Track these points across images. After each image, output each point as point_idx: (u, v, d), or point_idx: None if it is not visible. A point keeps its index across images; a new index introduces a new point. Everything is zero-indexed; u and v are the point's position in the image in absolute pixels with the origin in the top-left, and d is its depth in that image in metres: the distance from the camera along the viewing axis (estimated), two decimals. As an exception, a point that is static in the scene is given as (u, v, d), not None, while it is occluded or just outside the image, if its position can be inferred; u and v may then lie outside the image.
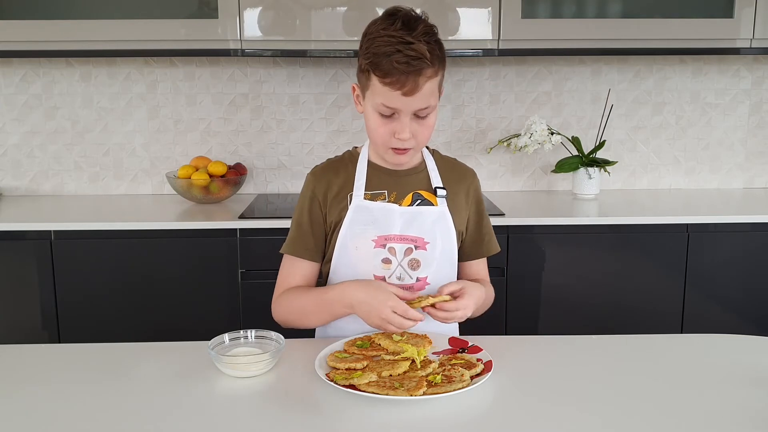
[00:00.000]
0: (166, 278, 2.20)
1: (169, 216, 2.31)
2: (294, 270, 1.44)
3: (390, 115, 1.31)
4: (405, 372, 1.16)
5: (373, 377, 1.13)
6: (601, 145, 2.58)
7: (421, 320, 1.27)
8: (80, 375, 1.19)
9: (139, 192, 2.70)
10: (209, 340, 1.23)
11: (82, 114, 2.65)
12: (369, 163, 1.44)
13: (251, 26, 2.27)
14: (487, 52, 2.34)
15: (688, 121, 2.73)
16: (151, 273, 2.20)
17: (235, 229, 2.18)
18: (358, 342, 1.28)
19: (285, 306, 1.41)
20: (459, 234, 1.45)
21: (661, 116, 2.72)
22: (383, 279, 1.38)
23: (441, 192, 1.43)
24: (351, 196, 1.40)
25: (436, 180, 1.44)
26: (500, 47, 2.31)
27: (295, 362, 1.23)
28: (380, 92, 1.29)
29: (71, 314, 2.22)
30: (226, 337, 1.26)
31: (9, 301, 2.22)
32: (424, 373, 1.15)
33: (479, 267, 1.55)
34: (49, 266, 2.19)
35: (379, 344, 1.27)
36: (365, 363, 1.18)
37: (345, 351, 1.26)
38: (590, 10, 2.40)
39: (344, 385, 1.10)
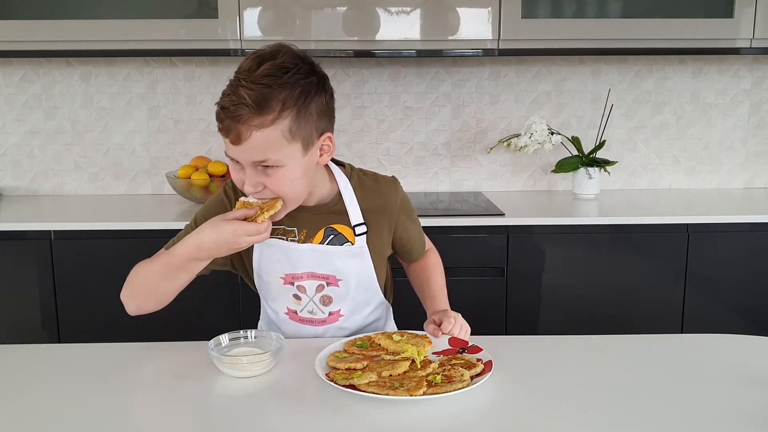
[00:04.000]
0: (166, 278, 2.20)
1: (169, 216, 2.31)
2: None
3: (237, 162, 1.20)
4: (405, 372, 1.16)
5: (373, 377, 1.13)
6: (601, 145, 2.58)
7: (262, 231, 1.19)
8: (80, 375, 1.19)
9: (139, 192, 2.70)
10: (209, 340, 1.23)
11: (82, 114, 2.65)
12: None
13: (251, 26, 2.27)
14: (487, 52, 2.34)
15: (688, 121, 2.73)
16: (151, 273, 2.20)
17: (235, 229, 2.18)
18: (358, 342, 1.28)
19: (131, 280, 1.32)
20: (381, 261, 1.38)
21: (661, 116, 2.72)
22: (295, 312, 1.37)
23: (360, 229, 1.33)
24: None
25: (355, 215, 1.33)
26: (500, 47, 2.31)
27: (295, 362, 1.23)
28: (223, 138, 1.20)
29: (71, 314, 2.22)
30: (226, 337, 1.26)
31: (9, 301, 2.22)
32: (424, 373, 1.15)
33: (417, 254, 1.49)
34: (49, 266, 2.19)
35: (379, 344, 1.27)
36: (365, 363, 1.18)
37: (345, 351, 1.26)
38: (590, 10, 2.40)
39: (344, 385, 1.10)
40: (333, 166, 1.37)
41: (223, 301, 2.21)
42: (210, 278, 2.19)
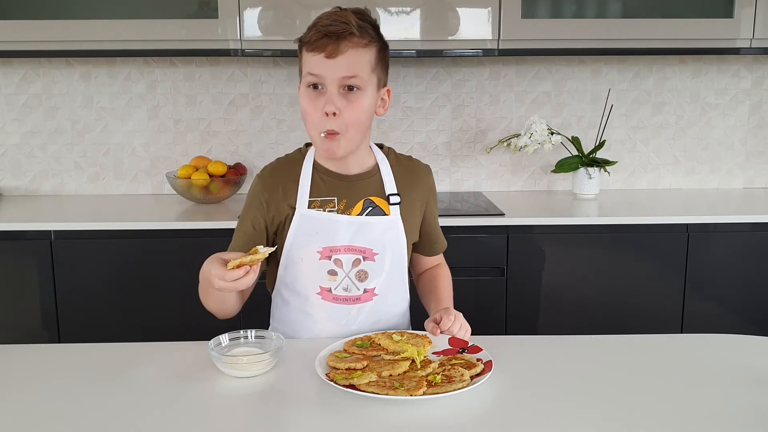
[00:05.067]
0: (166, 278, 2.20)
1: (169, 216, 2.31)
2: None
3: (317, 87, 1.28)
4: (405, 372, 1.16)
5: (373, 377, 1.13)
6: (601, 145, 2.58)
7: (236, 278, 1.18)
8: (80, 375, 1.19)
9: (139, 192, 2.70)
10: (209, 340, 1.23)
11: (82, 114, 2.65)
12: (318, 167, 1.38)
13: (251, 26, 2.27)
14: (487, 52, 2.34)
15: (688, 121, 2.73)
16: (151, 273, 2.20)
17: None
18: (358, 342, 1.28)
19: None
20: (411, 240, 1.42)
21: (661, 116, 2.72)
22: (329, 290, 1.37)
23: (394, 199, 1.38)
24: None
25: (389, 185, 1.39)
26: (500, 47, 2.31)
27: (295, 362, 1.23)
28: (306, 62, 1.28)
29: (71, 314, 2.22)
30: (226, 337, 1.26)
31: (9, 301, 2.22)
32: (424, 373, 1.15)
33: (434, 257, 1.55)
34: (49, 266, 2.19)
35: (379, 344, 1.27)
36: (365, 363, 1.19)
37: (345, 351, 1.26)
38: (590, 10, 2.40)
39: (344, 385, 1.10)
40: (371, 143, 1.43)
41: (223, 301, 2.21)
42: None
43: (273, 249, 1.24)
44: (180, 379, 1.18)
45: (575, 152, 2.60)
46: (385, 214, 1.37)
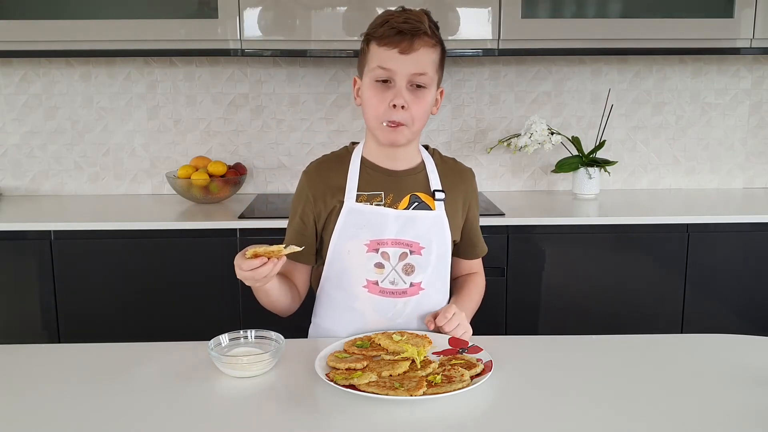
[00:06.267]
0: (165, 278, 2.20)
1: (169, 216, 2.31)
2: (296, 272, 1.44)
3: (386, 81, 1.32)
4: (405, 372, 1.16)
5: (373, 377, 1.13)
6: (601, 145, 2.58)
7: (252, 267, 1.21)
8: (80, 375, 1.19)
9: (139, 192, 2.70)
10: (209, 340, 1.23)
11: (82, 114, 2.65)
12: (366, 162, 1.42)
13: (251, 26, 2.27)
14: (487, 52, 2.34)
15: (688, 121, 2.73)
16: (151, 273, 2.20)
17: (235, 229, 2.18)
18: (358, 342, 1.28)
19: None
20: (453, 237, 1.44)
21: (661, 116, 2.72)
22: (376, 283, 1.37)
23: (439, 195, 1.41)
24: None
25: (435, 182, 1.42)
26: (500, 47, 2.31)
27: (295, 362, 1.23)
28: (377, 56, 1.31)
29: (71, 314, 2.22)
30: (225, 337, 1.26)
31: (9, 301, 2.22)
32: (424, 373, 1.15)
33: (473, 262, 1.56)
34: (49, 266, 2.19)
35: (379, 344, 1.27)
36: (365, 363, 1.19)
37: (345, 351, 1.26)
38: (590, 10, 2.40)
39: (344, 385, 1.10)
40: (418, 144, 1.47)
41: (223, 301, 2.21)
42: (210, 278, 2.20)
43: (299, 249, 1.25)
44: (180, 379, 1.18)
45: (575, 152, 2.60)
46: (431, 210, 1.40)
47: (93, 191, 2.70)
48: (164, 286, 2.20)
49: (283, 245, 1.23)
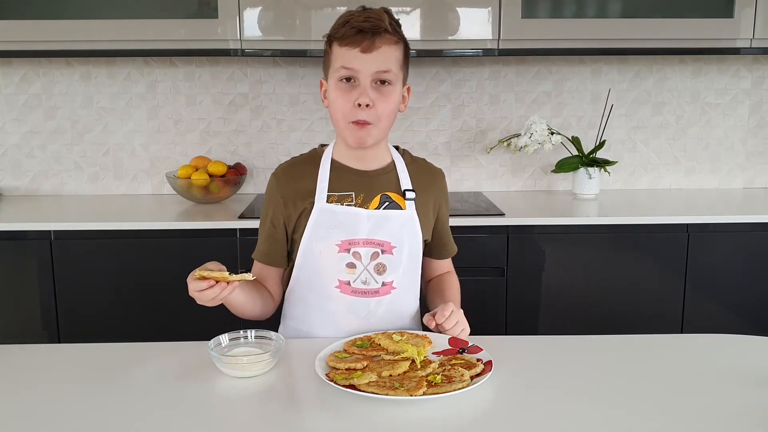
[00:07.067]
0: (165, 278, 2.20)
1: (169, 216, 2.31)
2: (268, 276, 1.45)
3: (350, 80, 1.32)
4: (405, 372, 1.16)
5: (373, 377, 1.13)
6: (601, 145, 2.58)
7: (198, 290, 1.20)
8: (80, 375, 1.19)
9: (139, 192, 2.70)
10: (209, 340, 1.23)
11: (82, 114, 2.65)
12: (336, 163, 1.42)
13: (251, 26, 2.27)
14: (487, 52, 2.34)
15: (688, 121, 2.73)
16: (151, 273, 2.20)
17: (235, 229, 2.18)
18: (358, 342, 1.28)
19: None
20: (424, 237, 1.44)
21: (661, 116, 2.72)
22: (348, 283, 1.38)
23: (410, 195, 1.41)
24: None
25: (405, 182, 1.43)
26: (500, 47, 2.31)
27: (295, 362, 1.23)
28: (339, 56, 1.32)
29: (71, 314, 2.22)
30: (225, 337, 1.26)
31: (9, 301, 2.22)
32: (424, 373, 1.15)
33: (444, 262, 1.57)
34: (49, 266, 2.19)
35: (379, 344, 1.27)
36: (365, 363, 1.19)
37: (345, 351, 1.26)
38: (590, 10, 2.40)
39: (344, 385, 1.10)
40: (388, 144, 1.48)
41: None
42: (210, 278, 2.20)
43: (251, 278, 1.25)
44: (180, 379, 1.18)
45: (575, 152, 2.60)
46: (402, 209, 1.40)
47: (93, 191, 2.70)
48: (164, 286, 2.20)
49: (238, 272, 1.23)
